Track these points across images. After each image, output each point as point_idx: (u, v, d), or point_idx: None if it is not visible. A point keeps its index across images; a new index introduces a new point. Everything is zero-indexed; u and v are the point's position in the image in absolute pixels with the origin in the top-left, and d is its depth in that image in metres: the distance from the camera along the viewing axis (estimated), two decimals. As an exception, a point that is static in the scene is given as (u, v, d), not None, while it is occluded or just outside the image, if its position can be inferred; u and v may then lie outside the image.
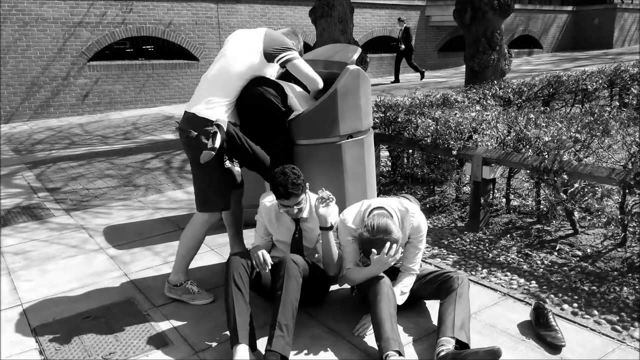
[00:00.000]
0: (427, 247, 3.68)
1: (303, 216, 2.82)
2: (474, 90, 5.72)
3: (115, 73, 11.20)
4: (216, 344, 2.66)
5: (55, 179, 6.06)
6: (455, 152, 3.91)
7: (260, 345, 2.53)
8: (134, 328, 2.84)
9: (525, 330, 2.66)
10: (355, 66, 3.19)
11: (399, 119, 4.50)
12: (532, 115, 4.02)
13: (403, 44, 13.83)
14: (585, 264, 3.29)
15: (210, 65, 3.11)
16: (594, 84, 6.37)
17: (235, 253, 2.76)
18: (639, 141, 3.27)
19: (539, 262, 3.37)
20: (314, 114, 3.08)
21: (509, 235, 3.80)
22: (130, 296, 3.20)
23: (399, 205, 2.79)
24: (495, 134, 3.97)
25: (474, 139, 4.00)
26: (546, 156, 3.47)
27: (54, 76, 10.59)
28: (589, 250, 3.46)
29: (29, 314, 3.05)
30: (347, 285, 2.96)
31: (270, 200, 2.90)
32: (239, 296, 2.56)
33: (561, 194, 3.51)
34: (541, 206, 3.97)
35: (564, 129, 3.60)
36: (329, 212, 2.74)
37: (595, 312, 2.77)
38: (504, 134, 3.94)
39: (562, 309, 2.83)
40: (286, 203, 2.71)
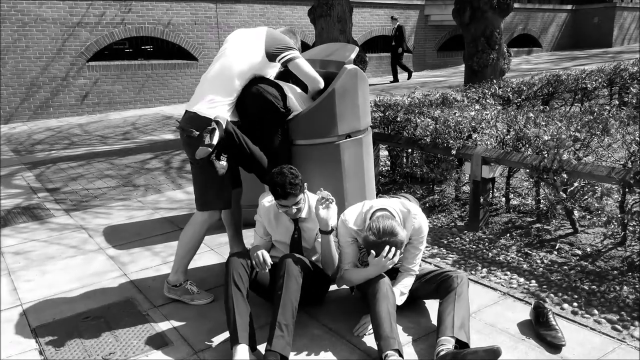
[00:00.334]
0: (427, 247, 3.68)
1: (302, 216, 2.82)
2: (474, 90, 5.71)
3: (114, 73, 11.19)
4: (216, 344, 2.66)
5: (55, 180, 6.06)
6: (454, 152, 3.91)
7: (260, 345, 2.53)
8: (133, 328, 2.84)
9: (525, 329, 2.66)
10: (353, 65, 3.19)
11: (398, 119, 4.49)
12: (532, 114, 4.02)
13: (396, 42, 13.84)
14: (585, 263, 3.29)
15: (210, 65, 3.09)
16: (594, 82, 6.37)
17: (235, 253, 2.76)
18: (639, 140, 3.26)
19: (538, 262, 3.37)
20: (312, 114, 3.08)
21: (508, 235, 3.79)
22: (129, 296, 3.20)
23: (401, 206, 2.77)
24: (495, 133, 3.97)
25: (473, 138, 4.00)
26: (546, 155, 3.46)
27: (53, 76, 10.59)
28: (588, 249, 3.46)
29: (29, 314, 3.05)
30: (345, 286, 2.96)
31: (269, 200, 2.90)
32: (238, 296, 2.56)
33: (561, 193, 3.51)
34: (541, 205, 3.96)
35: (564, 128, 3.59)
36: (330, 215, 2.73)
37: (595, 312, 2.77)
38: (504, 133, 3.94)
39: (562, 308, 2.83)
40: (284, 203, 2.70)
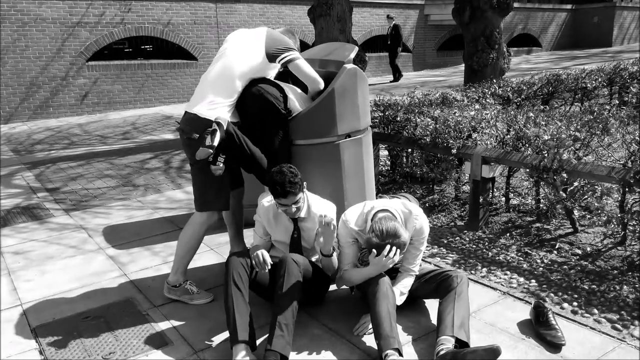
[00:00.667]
0: (427, 246, 3.68)
1: (301, 215, 2.82)
2: (473, 89, 5.71)
3: (114, 73, 11.19)
4: (216, 344, 2.66)
5: (55, 179, 6.06)
6: (454, 151, 3.91)
7: (260, 344, 2.53)
8: (133, 328, 2.84)
9: (525, 329, 2.66)
10: (352, 65, 3.19)
11: (398, 118, 4.49)
12: (532, 114, 4.02)
13: (391, 41, 13.83)
14: (585, 263, 3.29)
15: (210, 66, 3.08)
16: (594, 82, 6.37)
17: (235, 253, 2.75)
18: (639, 139, 3.26)
19: (538, 261, 3.37)
20: (312, 114, 3.08)
21: (508, 234, 3.79)
22: (129, 296, 3.20)
23: (402, 207, 2.77)
24: (495, 132, 3.97)
25: (473, 137, 4.00)
26: (546, 155, 3.46)
27: (53, 76, 10.58)
28: (588, 248, 3.46)
29: (29, 314, 3.05)
30: (345, 287, 2.96)
31: (269, 200, 2.90)
32: (238, 296, 2.56)
33: (561, 192, 3.51)
34: (541, 205, 3.96)
35: (564, 127, 3.59)
36: (332, 240, 2.70)
37: (595, 311, 2.77)
38: (504, 133, 3.94)
39: (562, 308, 2.83)
40: (284, 202, 2.70)
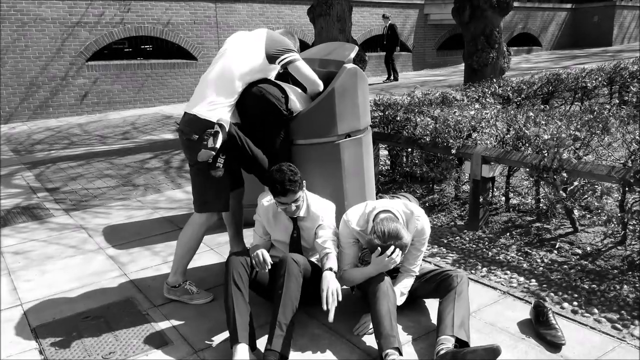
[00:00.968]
0: (427, 246, 3.67)
1: (300, 215, 2.82)
2: (473, 89, 5.71)
3: (113, 73, 11.19)
4: (216, 344, 2.66)
5: (55, 179, 6.06)
6: (454, 151, 3.91)
7: (260, 344, 2.53)
8: (133, 328, 2.83)
9: (525, 328, 2.66)
10: (352, 65, 3.19)
11: (398, 118, 4.49)
12: (532, 114, 4.02)
13: (388, 41, 13.81)
14: (585, 262, 3.29)
15: (210, 66, 3.08)
16: (594, 81, 6.37)
17: (235, 252, 2.75)
18: (639, 139, 3.26)
19: (538, 261, 3.37)
20: (312, 114, 3.07)
21: (508, 234, 3.79)
22: (129, 296, 3.20)
23: (404, 207, 2.76)
24: (495, 132, 3.97)
25: (473, 137, 3.99)
26: (546, 154, 3.46)
27: (53, 76, 10.58)
28: (588, 248, 3.46)
29: (29, 314, 3.04)
30: (345, 286, 2.95)
31: (268, 200, 2.90)
32: (238, 296, 2.56)
33: (561, 192, 3.51)
34: (541, 204, 3.96)
35: (564, 127, 3.59)
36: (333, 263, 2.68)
37: (595, 311, 2.77)
38: (503, 132, 3.94)
39: (562, 307, 2.83)
40: (283, 200, 2.70)
